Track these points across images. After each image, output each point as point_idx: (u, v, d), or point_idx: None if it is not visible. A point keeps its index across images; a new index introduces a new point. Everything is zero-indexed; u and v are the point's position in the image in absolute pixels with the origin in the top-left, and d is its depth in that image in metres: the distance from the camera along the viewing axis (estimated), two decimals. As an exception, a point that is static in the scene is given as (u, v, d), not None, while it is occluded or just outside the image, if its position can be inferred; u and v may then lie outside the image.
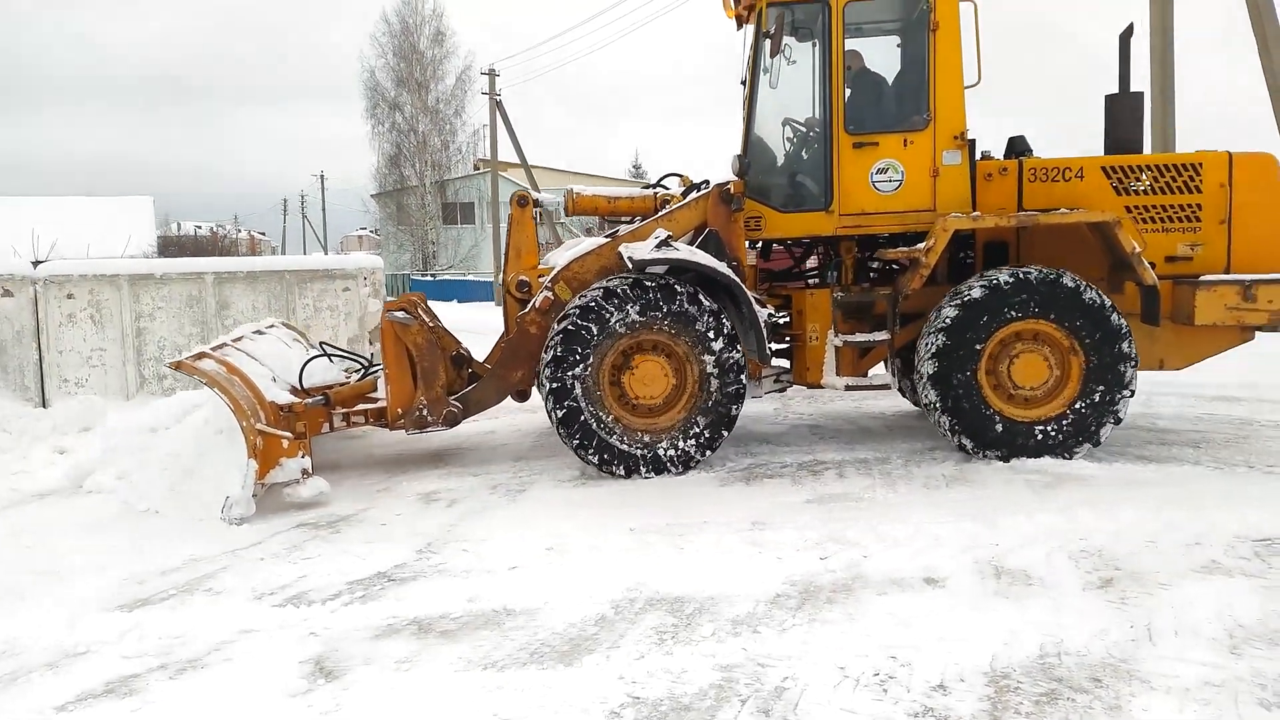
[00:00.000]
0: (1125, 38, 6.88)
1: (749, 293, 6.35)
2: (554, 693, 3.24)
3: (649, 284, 6.15)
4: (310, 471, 5.85)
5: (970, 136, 6.62)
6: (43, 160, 78.74)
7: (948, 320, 6.16)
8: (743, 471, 6.35)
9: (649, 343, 6.26)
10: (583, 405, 6.15)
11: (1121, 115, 6.93)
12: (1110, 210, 6.41)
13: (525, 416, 8.80)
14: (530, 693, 3.24)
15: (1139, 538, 4.60)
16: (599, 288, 6.21)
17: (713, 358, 6.18)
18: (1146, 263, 6.26)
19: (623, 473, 6.21)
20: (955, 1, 6.60)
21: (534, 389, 6.72)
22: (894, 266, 7.10)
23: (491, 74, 34.61)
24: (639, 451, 6.21)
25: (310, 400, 6.35)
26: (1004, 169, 6.73)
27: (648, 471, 6.21)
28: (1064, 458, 6.18)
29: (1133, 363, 6.13)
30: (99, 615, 4.07)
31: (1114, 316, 6.11)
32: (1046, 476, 5.90)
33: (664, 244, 6.31)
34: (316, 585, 4.41)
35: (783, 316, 6.91)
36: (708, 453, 6.30)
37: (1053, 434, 6.20)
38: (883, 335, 6.73)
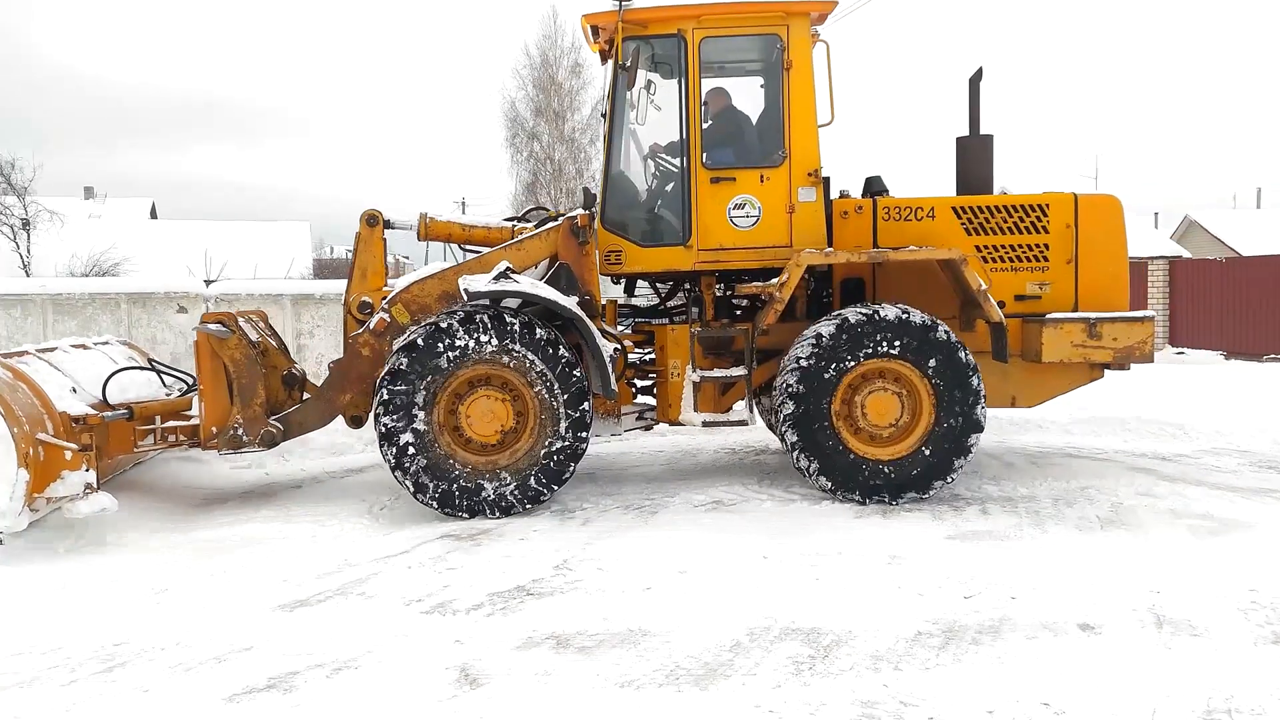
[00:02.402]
0: (975, 81, 6.95)
1: (593, 327, 6.26)
2: (691, 716, 3.24)
3: (486, 316, 5.97)
4: (95, 486, 5.47)
5: (825, 174, 6.67)
6: (212, 185, 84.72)
7: (800, 360, 6.16)
8: (878, 504, 6.21)
9: (488, 377, 6.05)
10: (414, 438, 5.91)
11: (972, 156, 7.02)
12: (960, 249, 6.41)
13: (656, 440, 8.88)
14: (667, 714, 3.26)
15: (1320, 593, 4.25)
16: (434, 320, 6.02)
17: (553, 395, 6.02)
18: (993, 300, 6.27)
19: (450, 511, 5.99)
20: (808, 42, 6.65)
21: (370, 416, 6.33)
22: (759, 302, 6.96)
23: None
24: (473, 489, 6.00)
25: (110, 414, 5.95)
26: (859, 207, 6.75)
27: (492, 512, 6.01)
28: (922, 495, 6.16)
29: (981, 398, 6.12)
30: (262, 614, 4.33)
31: (962, 353, 6.11)
32: (1211, 522, 5.54)
33: (503, 275, 6.15)
34: (460, 595, 4.57)
35: (648, 352, 6.99)
36: (547, 494, 6.12)
37: (909, 471, 6.15)
38: (740, 371, 6.70)
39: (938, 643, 3.82)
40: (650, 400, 7.13)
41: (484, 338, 5.95)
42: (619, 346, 6.58)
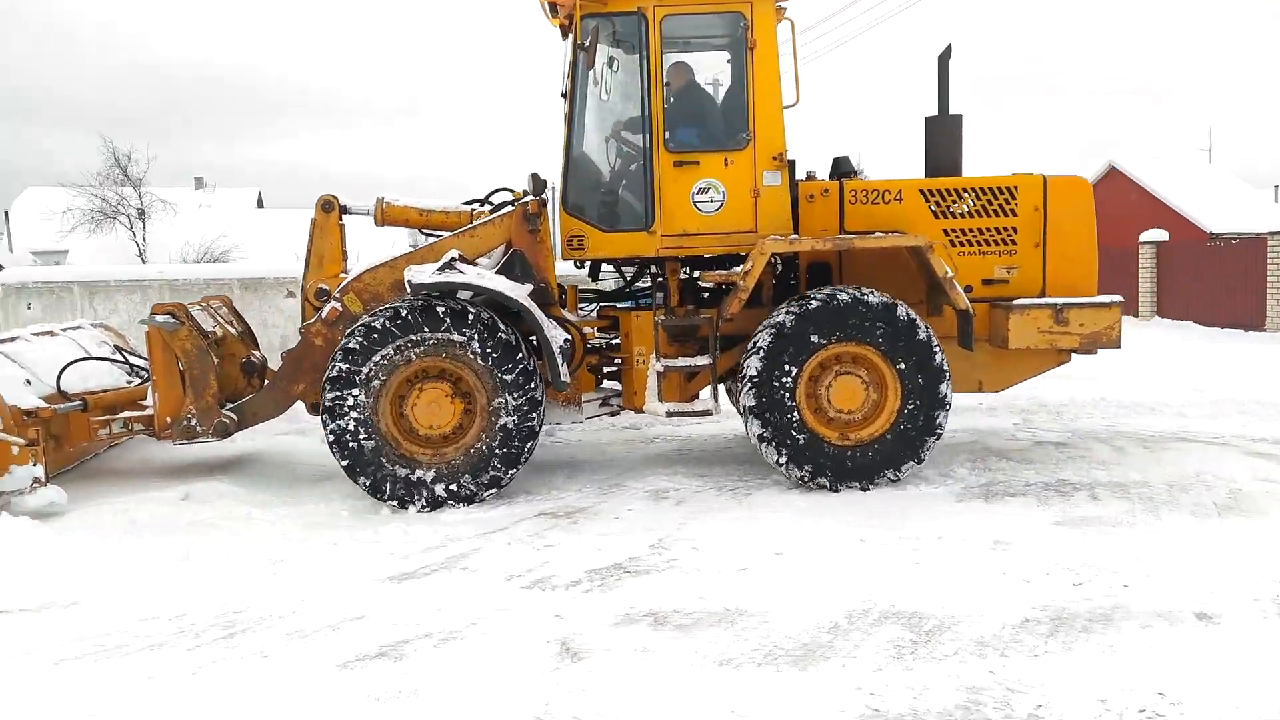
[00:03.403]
0: (944, 59, 6.74)
1: (541, 317, 6.08)
2: (790, 696, 3.24)
3: (417, 311, 5.83)
4: (43, 480, 5.52)
5: (790, 157, 6.48)
6: (316, 174, 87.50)
7: (762, 348, 6.04)
8: (980, 488, 6.06)
9: (435, 369, 5.95)
10: (358, 430, 5.83)
11: (941, 137, 6.83)
12: (929, 233, 6.34)
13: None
14: (766, 694, 3.27)
15: None
16: (367, 319, 5.88)
17: (499, 386, 5.89)
18: (958, 287, 6.13)
19: (395, 503, 5.89)
20: (772, 20, 6.39)
21: None
22: (727, 287, 6.67)
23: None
24: (394, 474, 5.88)
25: (63, 406, 5.98)
26: (825, 190, 6.59)
27: (392, 498, 5.89)
28: (894, 478, 6.07)
29: (945, 376, 6.03)
30: (371, 585, 4.49)
31: (923, 332, 6.01)
32: (1342, 511, 5.24)
33: (448, 266, 6.02)
34: (559, 571, 4.65)
35: (613, 338, 6.86)
36: (496, 488, 6.00)
37: (878, 455, 6.06)
38: (704, 360, 6.52)
39: (1046, 630, 3.72)
40: (617, 386, 7.01)
41: (421, 333, 5.83)
42: (569, 337, 6.36)
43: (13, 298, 9.20)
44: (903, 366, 6.02)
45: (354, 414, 5.81)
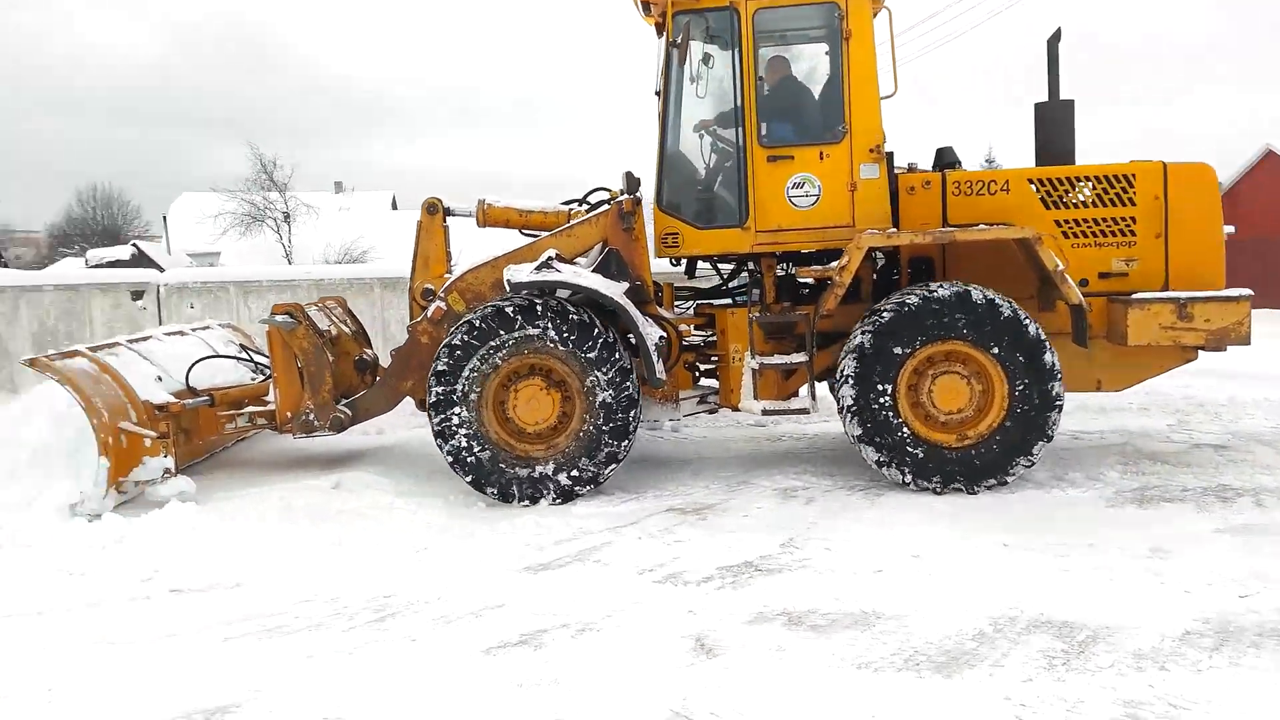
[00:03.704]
0: (1054, 42, 6.52)
1: (636, 314, 6.07)
2: (934, 702, 3.17)
3: (518, 308, 5.91)
4: (173, 470, 5.83)
5: (889, 149, 6.33)
6: (446, 175, 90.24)
7: (860, 347, 5.91)
8: (1133, 492, 5.76)
9: (535, 366, 6.03)
10: (457, 402, 5.95)
11: (1051, 125, 6.57)
12: (1038, 225, 6.09)
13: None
14: (909, 699, 3.20)
15: None
16: (469, 317, 5.99)
17: (596, 383, 5.94)
18: (1071, 280, 5.87)
19: (450, 460, 6.00)
20: (868, 9, 6.26)
21: None
22: (824, 285, 6.42)
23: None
24: (517, 476, 5.98)
25: (191, 401, 6.29)
26: (927, 182, 6.41)
27: (523, 499, 5.98)
28: (1001, 481, 5.85)
29: (1056, 375, 5.76)
30: (510, 575, 4.62)
31: (1031, 329, 5.76)
32: None
33: (545, 265, 6.07)
34: (690, 567, 4.67)
35: (710, 335, 6.82)
36: (615, 464, 6.03)
37: (985, 457, 5.84)
38: (800, 357, 6.40)
39: (1210, 643, 3.51)
40: (714, 383, 6.95)
41: (520, 330, 5.93)
42: (664, 334, 6.38)
43: (175, 297, 9.87)
44: (1009, 364, 5.81)
45: (463, 430, 5.97)
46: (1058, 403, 5.81)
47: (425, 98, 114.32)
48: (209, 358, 6.80)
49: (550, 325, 5.93)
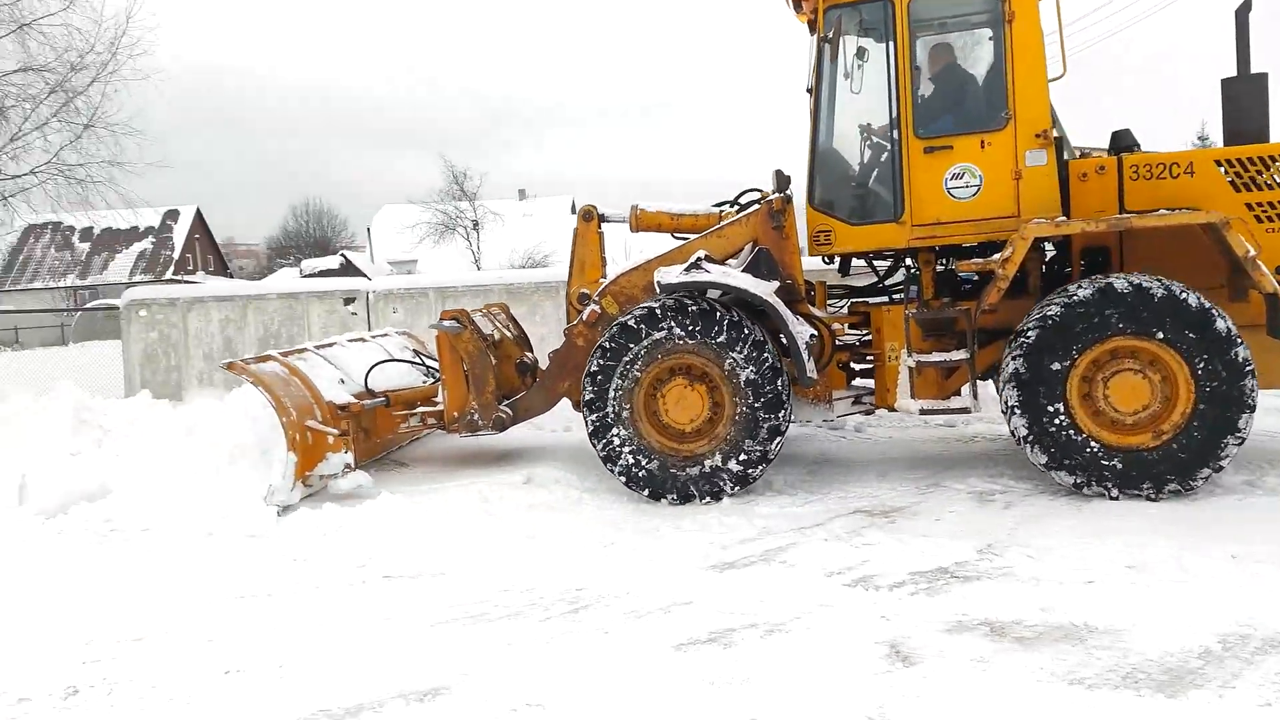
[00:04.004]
0: (1243, 13, 6.00)
1: (786, 313, 6.00)
2: (1156, 724, 2.94)
3: (699, 308, 5.96)
4: (353, 466, 6.19)
5: (1057, 134, 6.01)
6: (625, 179, 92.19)
7: (1027, 342, 5.60)
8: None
9: (694, 367, 6.05)
10: (613, 423, 6.07)
11: (1241, 101, 6.04)
12: (1226, 208, 5.59)
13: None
14: (1127, 718, 2.98)
15: None
16: (623, 318, 6.08)
17: (735, 365, 5.92)
18: (1264, 268, 5.41)
19: (623, 481, 6.09)
20: None
21: None
22: (991, 279, 5.96)
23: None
24: (690, 476, 6.02)
25: (369, 402, 6.64)
26: (1101, 167, 5.99)
27: (647, 492, 6.06)
28: (1184, 487, 5.42)
29: (1248, 372, 5.31)
30: (696, 573, 4.66)
31: (1220, 323, 5.33)
32: None
33: (694, 266, 6.13)
34: (880, 571, 4.55)
35: (865, 334, 6.70)
36: (779, 437, 5.99)
37: (1166, 461, 5.45)
38: (961, 355, 6.14)
39: None
40: (869, 384, 6.71)
41: (692, 329, 5.96)
42: (815, 333, 6.23)
43: (381, 303, 10.58)
44: (1195, 361, 5.37)
45: (627, 449, 6.09)
46: (1250, 402, 5.33)
47: (599, 102, 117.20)
48: (385, 362, 7.22)
49: (674, 323, 6.01)
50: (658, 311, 6.03)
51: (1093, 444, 5.59)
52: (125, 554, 5.39)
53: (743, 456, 6.01)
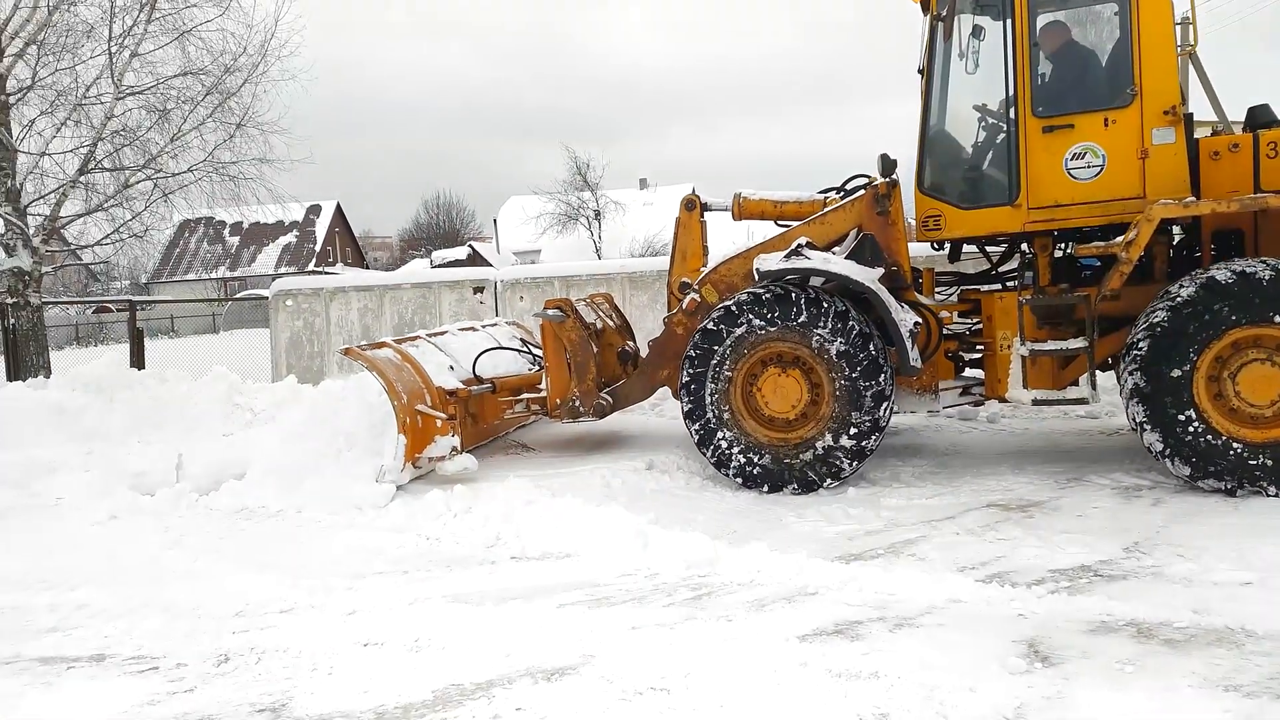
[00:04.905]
0: None
1: (889, 300, 5.90)
2: (1326, 740, 2.73)
3: (772, 294, 5.91)
4: (459, 449, 6.27)
5: (1188, 110, 5.71)
6: (746, 165, 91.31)
7: (1155, 327, 5.33)
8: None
9: (784, 354, 5.98)
10: (710, 410, 6.05)
11: None
12: None
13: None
14: (1292, 732, 2.78)
15: None
16: (726, 303, 6.05)
17: (846, 371, 5.80)
18: None
19: (740, 482, 6.05)
20: None
21: None
22: (1109, 264, 5.73)
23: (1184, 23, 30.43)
24: (805, 462, 5.93)
25: (477, 388, 6.72)
26: (1234, 145, 5.62)
27: (766, 488, 5.99)
28: None
29: None
30: (821, 563, 4.58)
31: None
32: None
33: (794, 252, 6.07)
34: (1017, 567, 4.38)
35: (975, 322, 6.52)
36: (849, 470, 5.92)
37: None
38: (1079, 343, 5.84)
39: None
40: (979, 374, 6.43)
41: (770, 317, 5.91)
42: (919, 320, 6.03)
43: (508, 292, 10.84)
44: None
45: (736, 450, 6.04)
46: None
47: (718, 87, 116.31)
48: (493, 349, 7.36)
49: (751, 316, 5.95)
50: (734, 309, 6.02)
51: (1235, 445, 5.26)
52: (270, 530, 5.70)
53: (853, 430, 5.89)
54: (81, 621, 4.27)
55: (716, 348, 6.06)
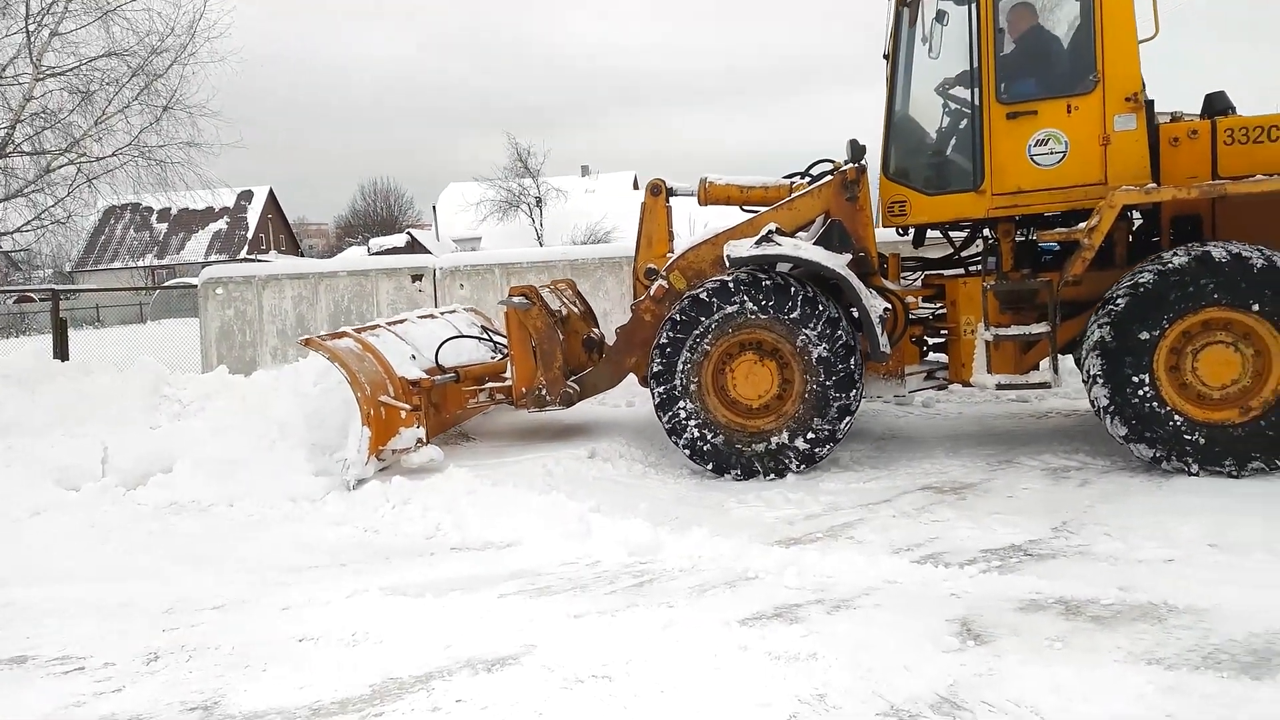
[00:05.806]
0: None
1: (859, 286, 5.91)
2: (1239, 705, 2.85)
3: (773, 282, 5.89)
4: (424, 440, 6.19)
5: (1149, 97, 5.78)
6: (691, 155, 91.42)
7: (1117, 309, 5.44)
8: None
9: (765, 343, 5.98)
10: (680, 396, 6.05)
11: None
12: None
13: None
14: (1210, 700, 2.89)
15: None
16: (693, 291, 6.04)
17: (807, 341, 5.85)
18: None
19: (687, 454, 6.10)
20: None
21: None
22: (1070, 249, 5.91)
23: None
24: (755, 453, 5.98)
25: (440, 377, 6.62)
26: (1193, 131, 5.74)
27: (711, 466, 6.04)
28: (1270, 466, 5.27)
29: None
30: (761, 548, 4.62)
31: None
32: None
33: (765, 239, 6.04)
34: (950, 548, 4.47)
35: (939, 307, 6.55)
36: (822, 454, 5.98)
37: (1252, 438, 5.29)
38: (1041, 328, 5.95)
39: None
40: (943, 358, 6.56)
41: (764, 304, 5.89)
42: (888, 306, 6.11)
43: (448, 279, 10.69)
44: None
45: (693, 422, 6.06)
46: None
47: (663, 73, 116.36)
48: (455, 338, 7.24)
49: (747, 297, 5.94)
50: (730, 285, 5.98)
51: (1176, 417, 5.42)
52: (201, 524, 5.56)
53: (810, 435, 5.94)
54: (2, 622, 4.12)
55: (703, 319, 6.02)
